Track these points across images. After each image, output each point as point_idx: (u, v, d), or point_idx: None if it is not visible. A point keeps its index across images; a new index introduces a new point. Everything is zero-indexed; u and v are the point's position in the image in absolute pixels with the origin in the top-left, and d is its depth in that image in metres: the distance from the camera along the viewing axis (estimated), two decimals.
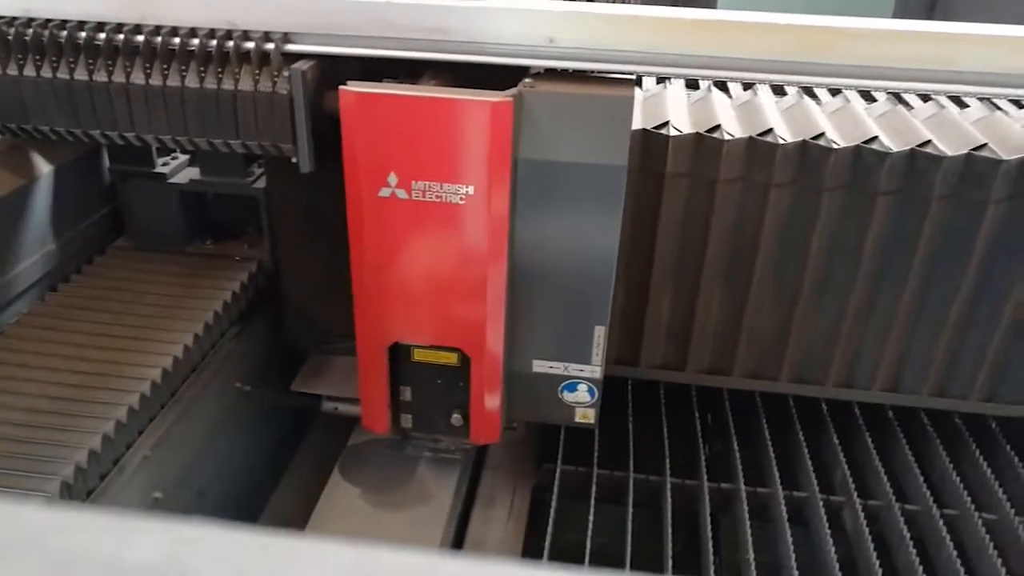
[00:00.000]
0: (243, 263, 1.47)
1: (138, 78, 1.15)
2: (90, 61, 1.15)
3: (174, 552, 0.30)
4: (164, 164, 1.47)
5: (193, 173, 1.47)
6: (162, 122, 1.18)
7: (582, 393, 1.29)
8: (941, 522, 1.32)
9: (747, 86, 1.58)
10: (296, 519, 1.35)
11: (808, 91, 1.56)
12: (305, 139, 1.14)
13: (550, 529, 1.30)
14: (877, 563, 1.23)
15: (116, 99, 1.17)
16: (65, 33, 1.14)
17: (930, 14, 3.59)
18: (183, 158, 1.50)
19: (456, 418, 1.31)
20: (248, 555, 0.31)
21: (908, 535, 1.28)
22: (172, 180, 1.46)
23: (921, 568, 1.22)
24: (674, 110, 1.42)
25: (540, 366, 1.28)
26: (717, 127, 1.33)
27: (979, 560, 1.27)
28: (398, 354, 1.28)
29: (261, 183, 1.45)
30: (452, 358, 1.26)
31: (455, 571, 0.32)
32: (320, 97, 1.15)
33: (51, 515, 0.32)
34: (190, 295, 1.36)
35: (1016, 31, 1.03)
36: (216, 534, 0.31)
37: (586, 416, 1.32)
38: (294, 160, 1.17)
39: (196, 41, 1.12)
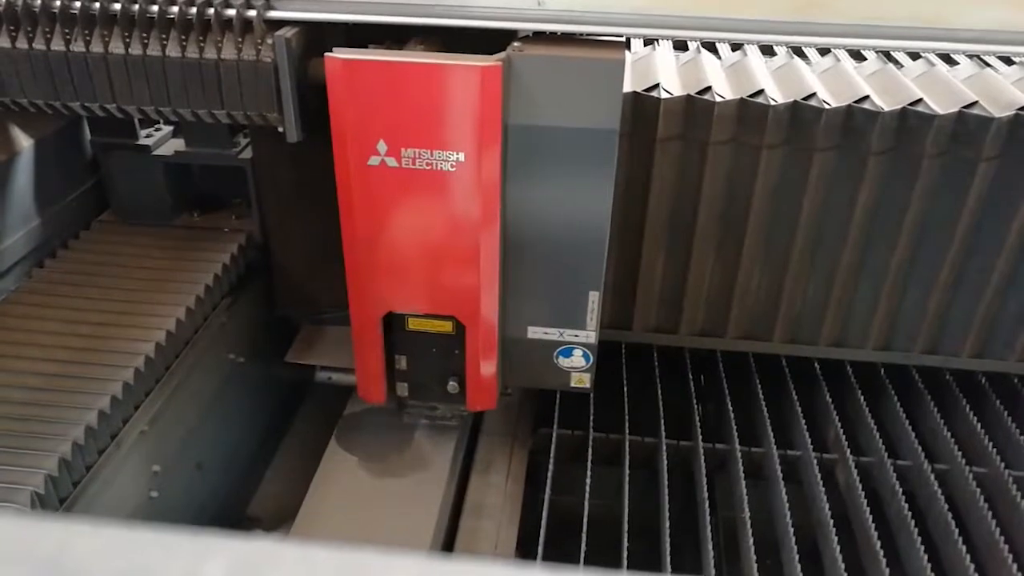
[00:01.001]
0: (232, 235, 1.46)
1: (117, 47, 1.12)
2: (66, 31, 1.12)
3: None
4: (148, 136, 1.44)
5: (178, 144, 1.44)
6: (143, 93, 1.15)
7: (577, 358, 1.30)
8: (932, 477, 1.34)
9: (736, 47, 1.56)
10: (294, 489, 1.36)
11: (798, 51, 1.54)
12: (291, 108, 1.12)
13: (547, 492, 1.31)
14: (870, 518, 1.26)
15: (95, 69, 1.14)
16: (39, 2, 1.10)
17: None
18: (167, 129, 1.47)
19: (452, 385, 1.31)
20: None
21: (900, 490, 1.31)
22: (157, 152, 1.44)
23: (913, 522, 1.25)
24: (664, 72, 1.40)
25: (535, 332, 1.28)
26: (708, 89, 1.32)
27: (969, 513, 1.30)
28: (393, 323, 1.27)
29: (248, 153, 1.43)
30: (447, 326, 1.26)
31: None
32: (305, 65, 1.12)
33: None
34: (180, 268, 1.35)
35: None
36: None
37: (581, 381, 1.32)
38: (281, 129, 1.15)
39: (175, 8, 1.09)
